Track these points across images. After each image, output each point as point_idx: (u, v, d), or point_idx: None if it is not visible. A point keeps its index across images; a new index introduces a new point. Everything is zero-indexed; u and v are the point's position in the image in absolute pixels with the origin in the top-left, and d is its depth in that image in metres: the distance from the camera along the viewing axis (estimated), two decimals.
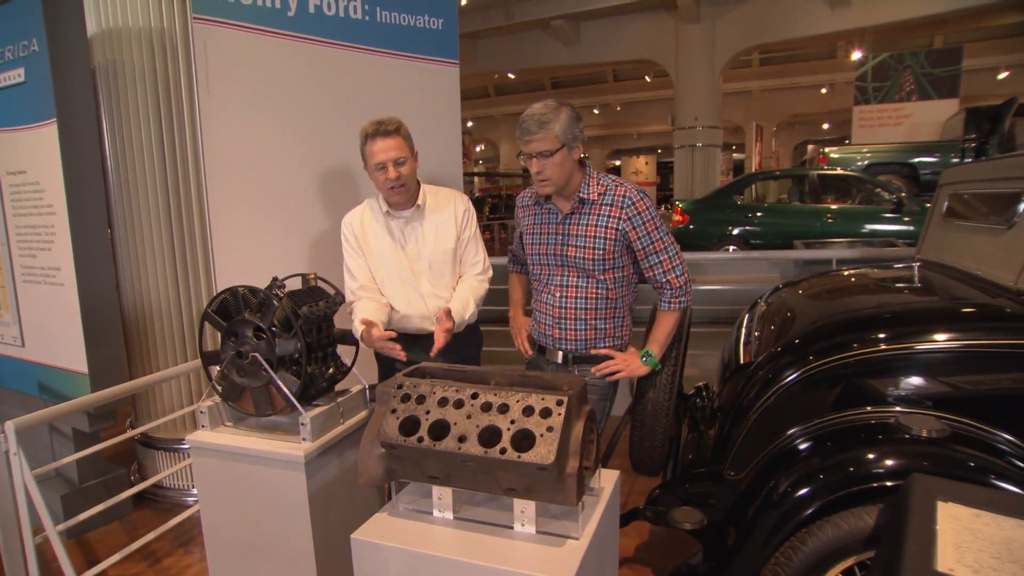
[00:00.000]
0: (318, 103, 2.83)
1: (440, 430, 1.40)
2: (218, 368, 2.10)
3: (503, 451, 1.32)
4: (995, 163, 2.08)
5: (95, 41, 2.91)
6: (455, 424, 1.39)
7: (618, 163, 29.29)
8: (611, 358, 2.02)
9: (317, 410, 2.01)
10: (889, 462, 1.55)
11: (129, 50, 2.85)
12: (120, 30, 2.85)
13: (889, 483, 1.57)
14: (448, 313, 2.03)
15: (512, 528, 1.43)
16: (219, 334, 2.06)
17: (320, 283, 2.26)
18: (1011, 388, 1.64)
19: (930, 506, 1.29)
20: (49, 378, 2.89)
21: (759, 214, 8.14)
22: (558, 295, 2.03)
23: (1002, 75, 16.00)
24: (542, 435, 1.32)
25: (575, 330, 2.02)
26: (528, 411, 1.36)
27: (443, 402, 1.44)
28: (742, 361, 2.29)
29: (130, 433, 2.78)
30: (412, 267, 2.17)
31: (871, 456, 1.58)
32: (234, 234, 2.64)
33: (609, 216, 1.90)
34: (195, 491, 3.20)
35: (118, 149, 2.98)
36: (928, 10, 10.33)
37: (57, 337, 2.79)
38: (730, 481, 1.90)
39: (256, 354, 1.94)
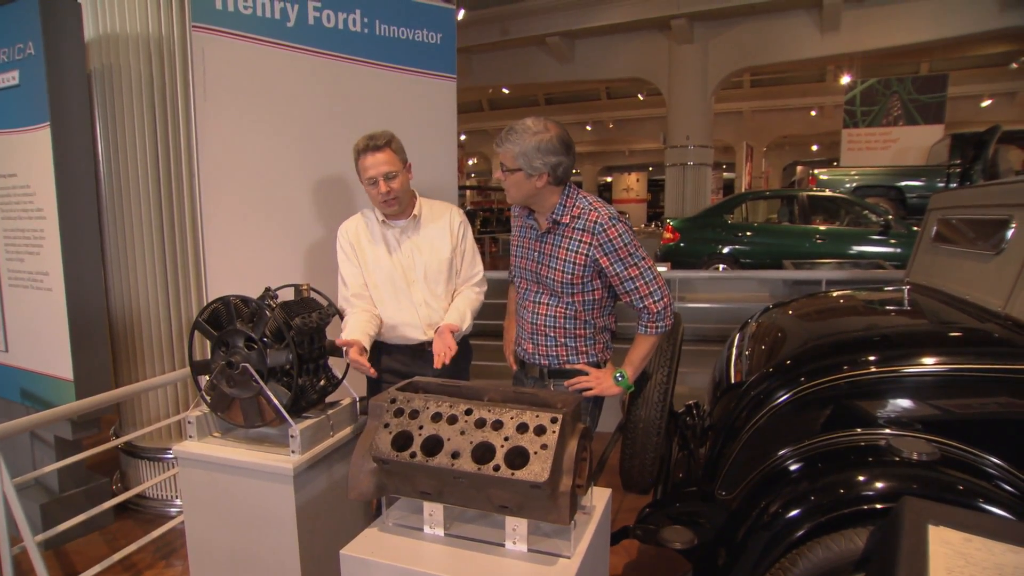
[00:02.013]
0: (315, 114, 2.83)
1: (433, 446, 1.39)
2: (207, 378, 2.08)
3: (496, 468, 1.31)
4: (983, 190, 2.12)
5: (92, 45, 2.90)
6: (448, 440, 1.38)
7: (609, 179, 29.50)
8: (585, 374, 2.01)
9: (307, 422, 1.99)
10: (880, 485, 1.56)
11: (126, 55, 2.84)
12: (118, 35, 2.84)
13: (879, 506, 1.57)
14: (450, 330, 2.07)
15: (503, 546, 1.41)
16: (209, 343, 2.05)
17: (313, 294, 2.25)
18: (1000, 412, 1.66)
19: (921, 530, 1.29)
20: (33, 384, 2.84)
21: (749, 234, 8.22)
22: (531, 310, 2.04)
23: (985, 103, 16.38)
24: (536, 453, 1.31)
25: (546, 346, 2.02)
26: (522, 428, 1.36)
27: (436, 417, 1.43)
28: (733, 381, 2.30)
29: (114, 442, 2.74)
30: (406, 276, 2.19)
31: (862, 478, 1.58)
32: (227, 243, 2.62)
33: (580, 241, 1.87)
34: (179, 502, 3.15)
35: (111, 154, 2.96)
36: (915, 38, 10.56)
37: (42, 343, 2.75)
38: (721, 501, 1.90)
39: (247, 364, 1.92)
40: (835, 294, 2.64)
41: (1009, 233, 1.82)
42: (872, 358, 1.75)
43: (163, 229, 2.93)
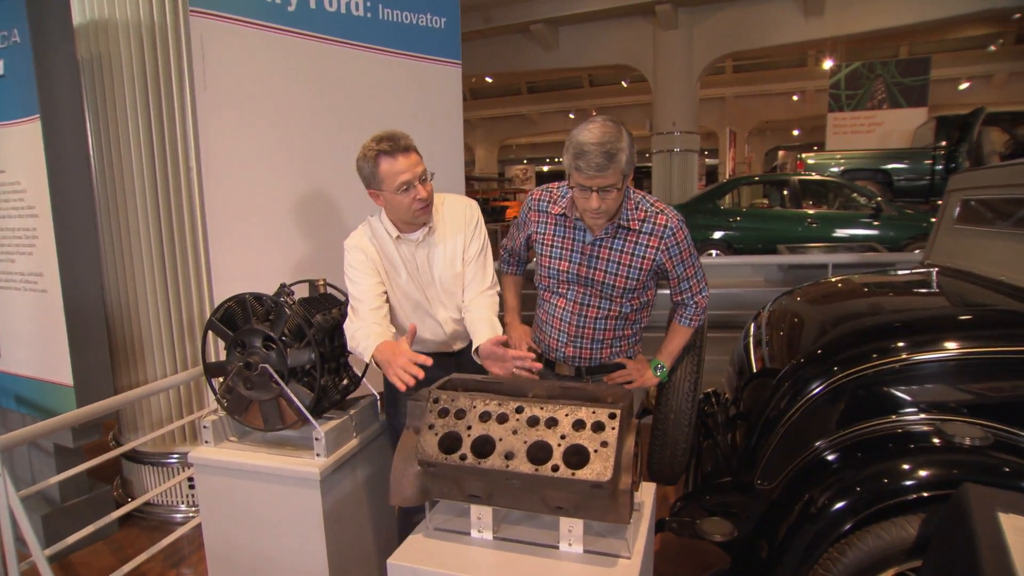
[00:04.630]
0: (318, 102, 2.72)
1: (484, 447, 1.32)
2: (222, 380, 1.99)
3: (555, 468, 1.25)
4: (1012, 169, 2.09)
5: (80, 33, 2.75)
6: (500, 440, 1.31)
7: None
8: (622, 367, 1.96)
9: (331, 423, 1.91)
10: (933, 472, 1.53)
11: (116, 43, 2.70)
12: (107, 22, 2.70)
13: (926, 493, 1.54)
14: (499, 342, 1.77)
15: (557, 548, 1.36)
16: (223, 344, 1.96)
17: (330, 289, 2.16)
18: None
19: (992, 518, 1.26)
20: (29, 391, 2.71)
21: (742, 219, 8.23)
22: (576, 313, 1.91)
23: (963, 85, 16.58)
24: (596, 451, 1.25)
25: (590, 349, 1.94)
26: (579, 425, 1.30)
27: (485, 417, 1.36)
28: (762, 367, 2.26)
29: (119, 450, 2.61)
30: (426, 294, 1.97)
31: (915, 466, 1.55)
32: (231, 238, 2.52)
33: (647, 246, 1.80)
34: (183, 507, 3.06)
35: (103, 148, 2.82)
36: (898, 21, 10.60)
37: (38, 347, 2.62)
38: (761, 491, 1.86)
39: (266, 365, 1.84)
40: (859, 279, 2.61)
41: None
42: (920, 342, 1.71)
43: (161, 225, 2.81)
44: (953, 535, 1.35)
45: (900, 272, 2.50)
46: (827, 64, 13.15)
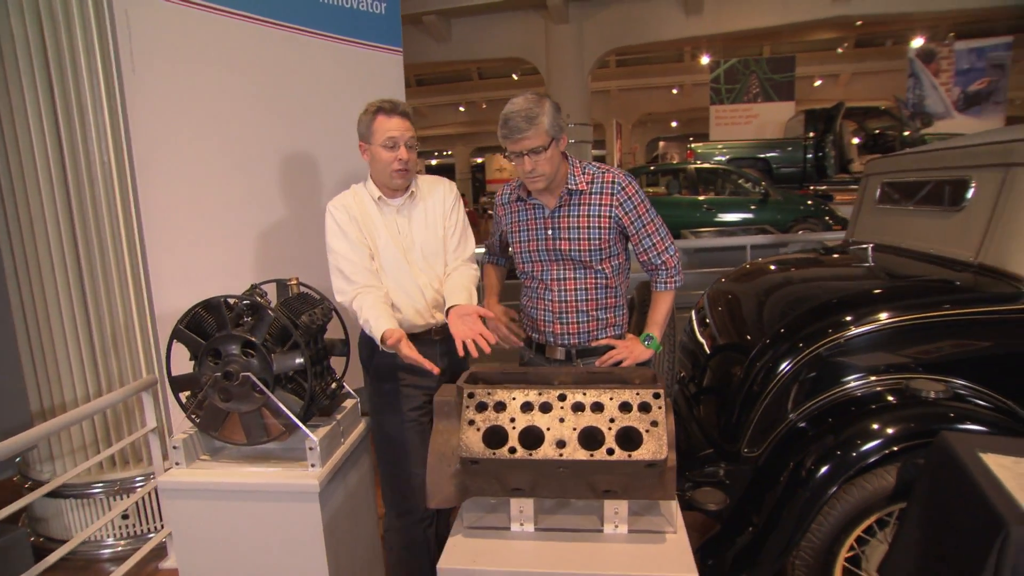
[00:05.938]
0: (255, 88, 2.52)
1: (533, 438, 1.30)
2: (190, 394, 1.80)
3: (611, 452, 1.26)
4: (929, 155, 2.36)
5: None
6: (548, 429, 1.30)
7: (481, 160, 29.53)
8: (612, 348, 2.01)
9: (321, 431, 1.80)
10: (909, 424, 1.70)
11: (6, 18, 2.34)
12: None
13: (896, 448, 1.72)
14: (466, 313, 1.77)
15: (602, 531, 1.37)
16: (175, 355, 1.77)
17: (304, 289, 2.01)
18: (987, 350, 1.87)
19: (977, 458, 1.43)
20: None
21: None
22: (556, 289, 1.97)
23: (817, 83, 18.45)
24: (648, 431, 1.28)
25: (577, 323, 1.98)
26: (625, 407, 1.32)
27: (527, 407, 1.34)
28: (725, 346, 2.39)
29: (43, 489, 2.24)
30: (407, 257, 1.98)
31: (892, 421, 1.72)
32: (171, 238, 2.28)
33: (600, 204, 1.89)
34: (111, 540, 2.74)
35: None
36: (767, 22, 11.58)
37: None
38: (747, 458, 1.98)
39: (248, 374, 1.69)
40: (802, 257, 2.83)
41: (970, 192, 2.05)
42: (878, 311, 1.89)
43: (75, 228, 2.46)
44: (941, 476, 1.51)
45: (837, 250, 2.73)
46: (704, 60, 14.09)
